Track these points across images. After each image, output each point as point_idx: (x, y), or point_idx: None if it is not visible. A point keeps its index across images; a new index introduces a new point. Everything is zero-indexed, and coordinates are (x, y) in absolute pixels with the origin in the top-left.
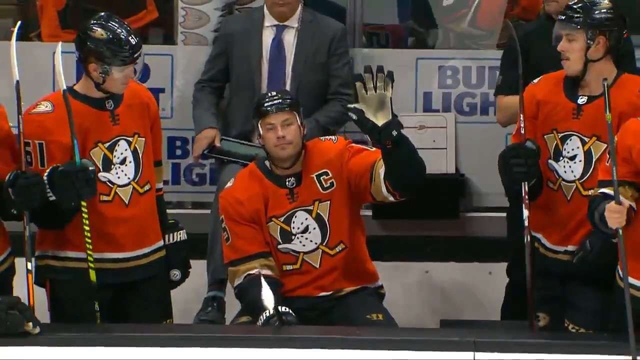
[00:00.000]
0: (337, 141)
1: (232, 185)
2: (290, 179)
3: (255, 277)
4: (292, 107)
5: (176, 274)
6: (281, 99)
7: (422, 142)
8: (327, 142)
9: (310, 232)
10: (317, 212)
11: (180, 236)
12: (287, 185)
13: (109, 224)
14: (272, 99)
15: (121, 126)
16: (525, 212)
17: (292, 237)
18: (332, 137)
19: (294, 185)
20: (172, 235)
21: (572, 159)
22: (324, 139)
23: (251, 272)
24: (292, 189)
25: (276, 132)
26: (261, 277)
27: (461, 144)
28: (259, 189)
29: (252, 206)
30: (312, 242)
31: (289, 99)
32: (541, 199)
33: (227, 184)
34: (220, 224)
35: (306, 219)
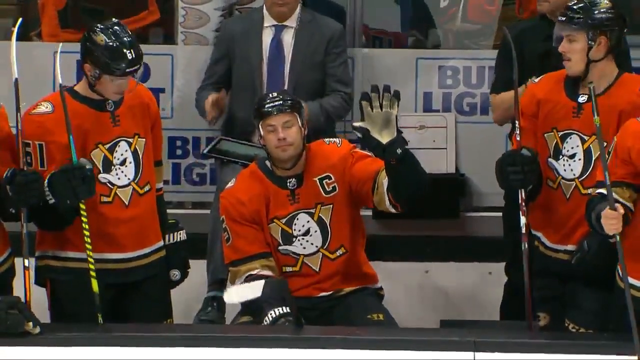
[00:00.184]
0: (341, 145)
1: (233, 185)
2: (291, 180)
3: (256, 277)
4: (293, 109)
5: (176, 274)
6: (282, 101)
7: (422, 142)
8: (331, 145)
9: (311, 235)
10: (319, 216)
11: (180, 236)
12: (288, 186)
13: (109, 224)
14: (273, 101)
15: (121, 127)
16: (522, 219)
17: (293, 239)
18: (336, 140)
19: (295, 186)
20: (172, 235)
21: (572, 157)
22: (328, 141)
23: (252, 272)
24: (293, 190)
25: (277, 134)
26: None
27: (461, 144)
28: (260, 190)
29: (254, 206)
30: (312, 245)
31: (290, 100)
32: (541, 198)
33: (228, 184)
34: (220, 224)
35: (308, 222)
